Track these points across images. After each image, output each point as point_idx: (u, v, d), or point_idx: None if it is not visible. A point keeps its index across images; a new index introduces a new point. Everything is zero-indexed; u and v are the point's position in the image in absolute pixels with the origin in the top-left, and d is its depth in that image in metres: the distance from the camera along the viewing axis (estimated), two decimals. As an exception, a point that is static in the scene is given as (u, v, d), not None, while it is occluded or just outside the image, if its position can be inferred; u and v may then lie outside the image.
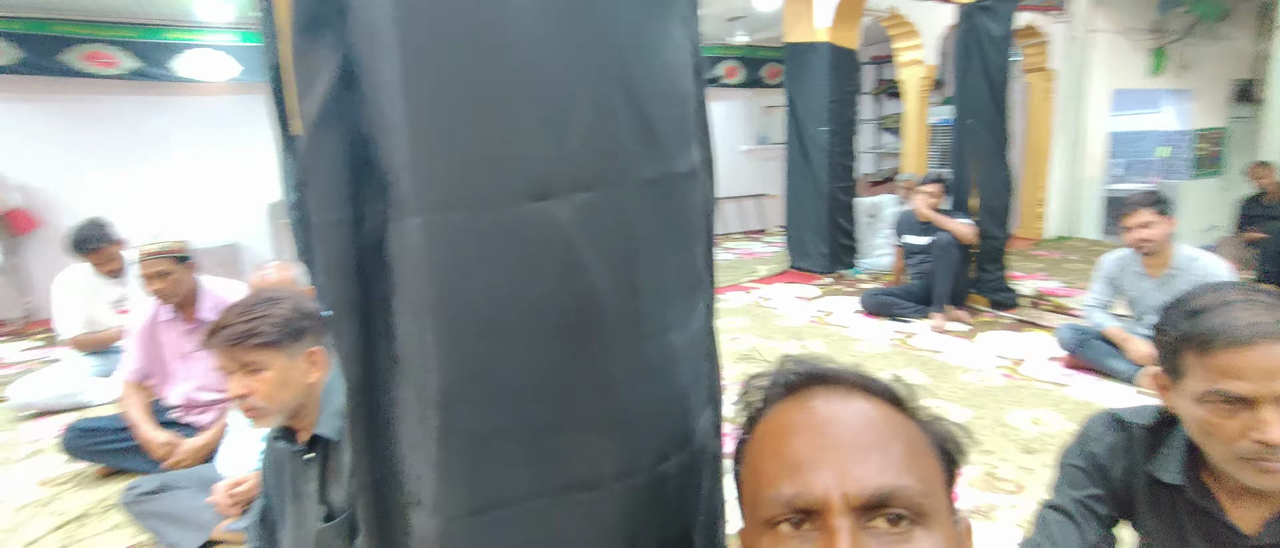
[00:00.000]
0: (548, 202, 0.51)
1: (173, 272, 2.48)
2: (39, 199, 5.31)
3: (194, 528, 1.94)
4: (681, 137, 0.59)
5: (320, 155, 0.60)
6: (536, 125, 0.50)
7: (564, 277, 0.51)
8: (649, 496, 0.56)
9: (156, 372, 2.59)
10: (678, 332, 0.58)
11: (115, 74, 5.38)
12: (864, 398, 0.53)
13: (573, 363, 0.52)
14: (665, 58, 0.57)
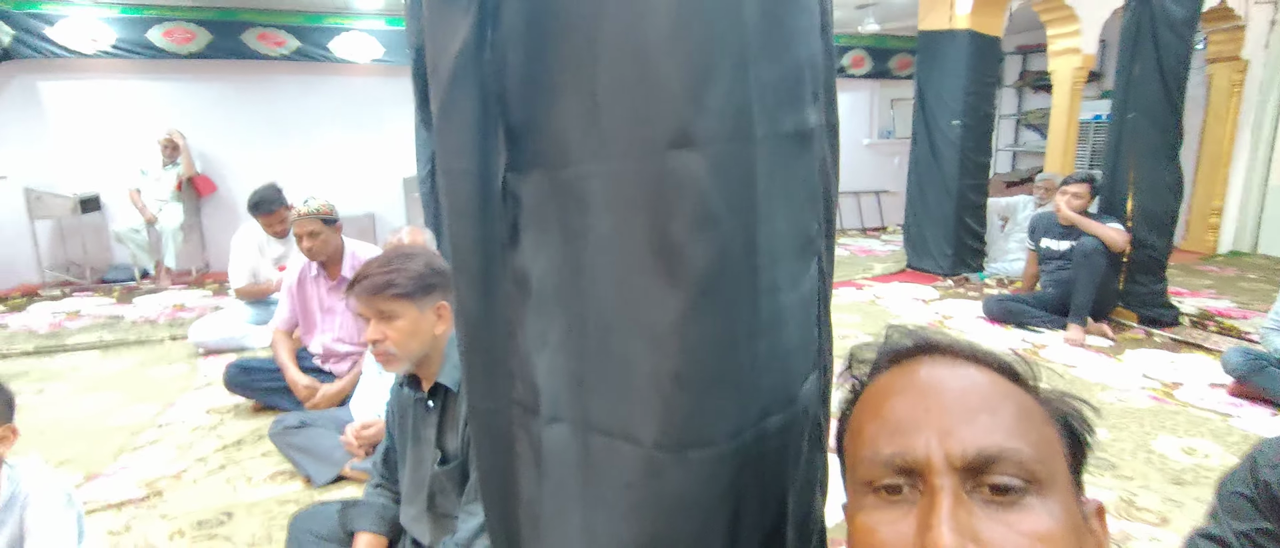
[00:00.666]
0: (687, 151, 0.51)
1: (321, 232, 2.74)
2: (215, 166, 6.02)
3: (327, 463, 2.15)
4: (804, 95, 0.58)
5: (453, 109, 0.64)
6: (681, 76, 0.51)
7: (697, 228, 0.52)
8: (752, 454, 0.57)
9: (303, 322, 2.87)
10: (788, 291, 0.58)
11: (282, 54, 5.98)
12: (974, 366, 0.51)
13: (699, 317, 0.53)
14: (794, 11, 0.56)
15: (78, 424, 2.67)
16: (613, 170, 0.54)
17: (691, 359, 0.53)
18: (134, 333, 3.98)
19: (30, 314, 4.53)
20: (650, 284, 0.52)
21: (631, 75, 0.51)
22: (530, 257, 0.60)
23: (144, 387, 3.10)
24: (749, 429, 0.56)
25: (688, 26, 0.50)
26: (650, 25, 0.50)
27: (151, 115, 5.75)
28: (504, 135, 0.63)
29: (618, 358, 0.55)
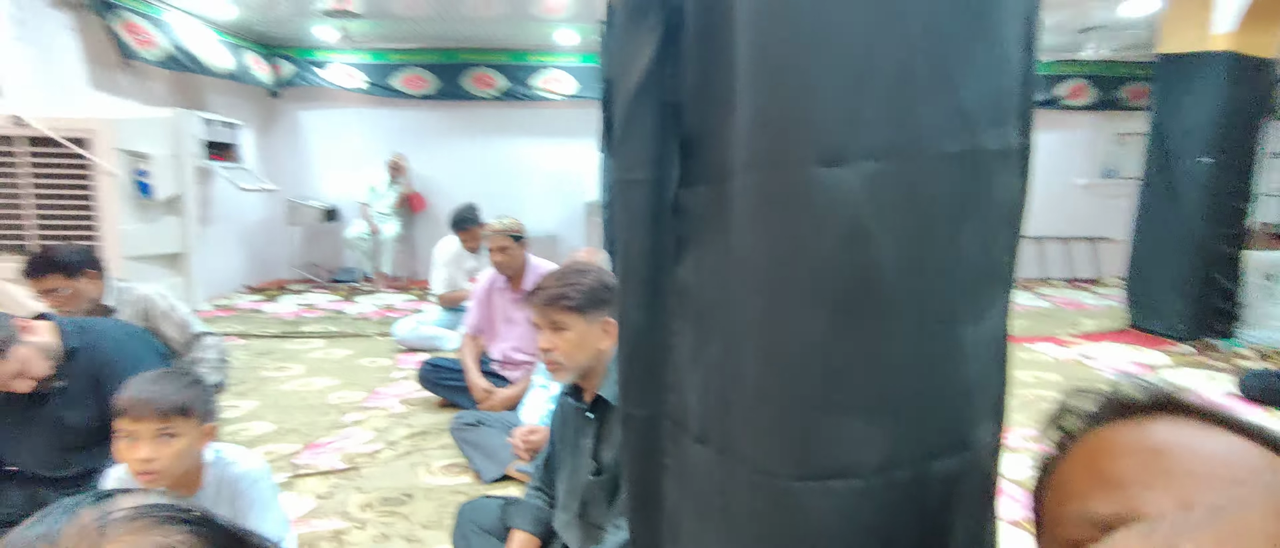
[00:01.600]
0: (838, 168, 0.49)
1: (510, 247, 2.98)
2: (428, 186, 6.82)
3: (495, 462, 2.30)
4: (996, 112, 0.52)
5: (634, 122, 0.66)
6: (832, 89, 0.49)
7: (847, 246, 0.49)
8: (909, 495, 0.51)
9: (487, 329, 3.13)
10: (966, 325, 0.52)
11: (491, 95, 6.66)
12: (1231, 433, 0.41)
13: (844, 338, 0.50)
14: (987, 22, 0.51)
15: (304, 399, 3.12)
16: (762, 184, 0.52)
17: (834, 383, 0.49)
18: (352, 327, 4.59)
19: (280, 304, 5.41)
20: (793, 302, 0.50)
21: (790, 88, 0.50)
22: (691, 270, 0.60)
23: (355, 374, 3.55)
24: (904, 467, 0.51)
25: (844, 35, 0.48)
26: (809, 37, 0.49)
27: (383, 142, 6.67)
28: (678, 149, 0.64)
29: (757, 378, 0.52)
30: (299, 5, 5.08)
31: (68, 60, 4.17)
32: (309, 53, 6.48)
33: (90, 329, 1.88)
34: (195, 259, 3.53)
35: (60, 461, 1.82)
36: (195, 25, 5.21)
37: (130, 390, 1.29)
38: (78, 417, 1.80)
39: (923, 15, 0.49)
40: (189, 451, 1.31)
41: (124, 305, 2.61)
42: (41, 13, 3.99)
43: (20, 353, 1.68)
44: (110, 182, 3.00)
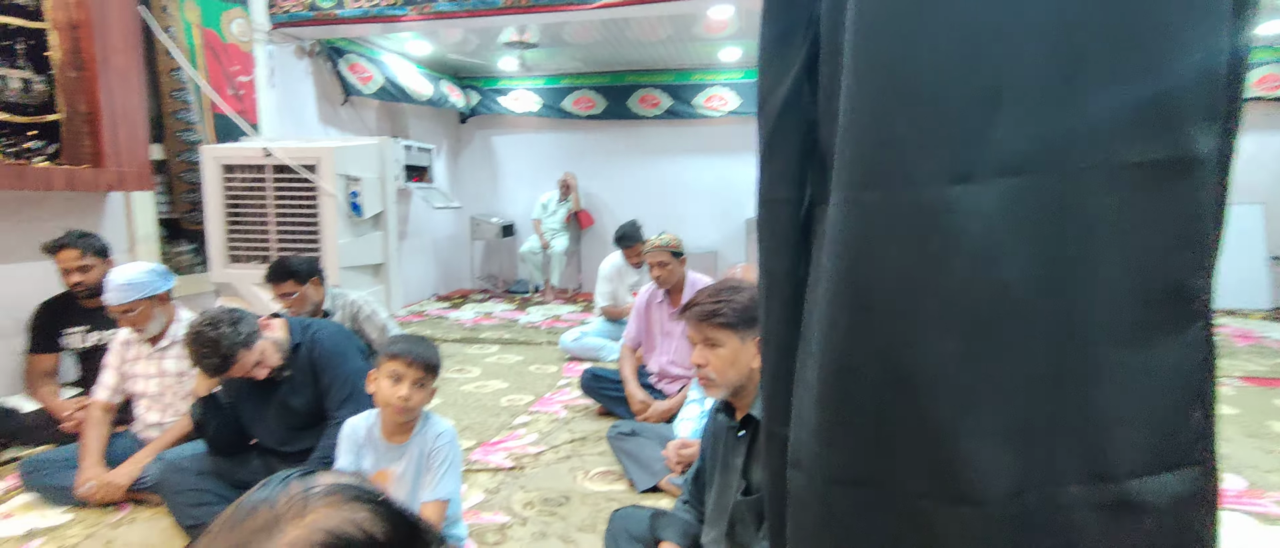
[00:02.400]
0: (966, 185, 0.45)
1: (669, 263, 3.05)
2: (595, 204, 7.16)
3: (648, 472, 2.34)
4: (1179, 116, 0.45)
5: (779, 141, 0.66)
6: (962, 107, 0.45)
7: (979, 266, 0.45)
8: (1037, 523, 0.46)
9: (645, 342, 3.21)
10: (1117, 350, 0.45)
11: (655, 114, 6.86)
12: None
13: (976, 360, 0.46)
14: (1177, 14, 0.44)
15: (480, 401, 3.40)
16: (887, 202, 0.49)
17: (963, 407, 0.45)
18: (523, 335, 4.93)
19: (462, 311, 5.94)
20: (914, 325, 0.46)
21: (921, 105, 0.47)
22: (810, 288, 0.59)
23: (525, 380, 3.80)
24: (1032, 492, 0.45)
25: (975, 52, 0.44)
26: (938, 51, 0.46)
27: (555, 161, 7.11)
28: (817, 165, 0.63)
29: (870, 403, 0.49)
30: (485, 38, 5.60)
31: (303, 100, 4.95)
32: (493, 82, 7.11)
33: (312, 328, 2.20)
34: (394, 269, 4.00)
35: (287, 437, 2.14)
36: (401, 62, 5.94)
37: (404, 343, 1.67)
38: (300, 401, 2.10)
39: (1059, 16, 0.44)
40: (426, 402, 1.70)
41: (337, 308, 3.01)
42: (288, 63, 4.77)
43: (261, 345, 2.01)
44: (331, 202, 3.50)
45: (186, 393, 2.40)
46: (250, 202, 3.60)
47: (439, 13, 4.37)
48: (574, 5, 4.08)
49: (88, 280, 2.72)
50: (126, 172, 3.28)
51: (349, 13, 4.49)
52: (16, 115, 2.88)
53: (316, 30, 4.70)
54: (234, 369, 1.96)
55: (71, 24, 3.13)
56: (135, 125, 3.33)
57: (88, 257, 2.74)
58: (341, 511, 0.50)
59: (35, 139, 2.95)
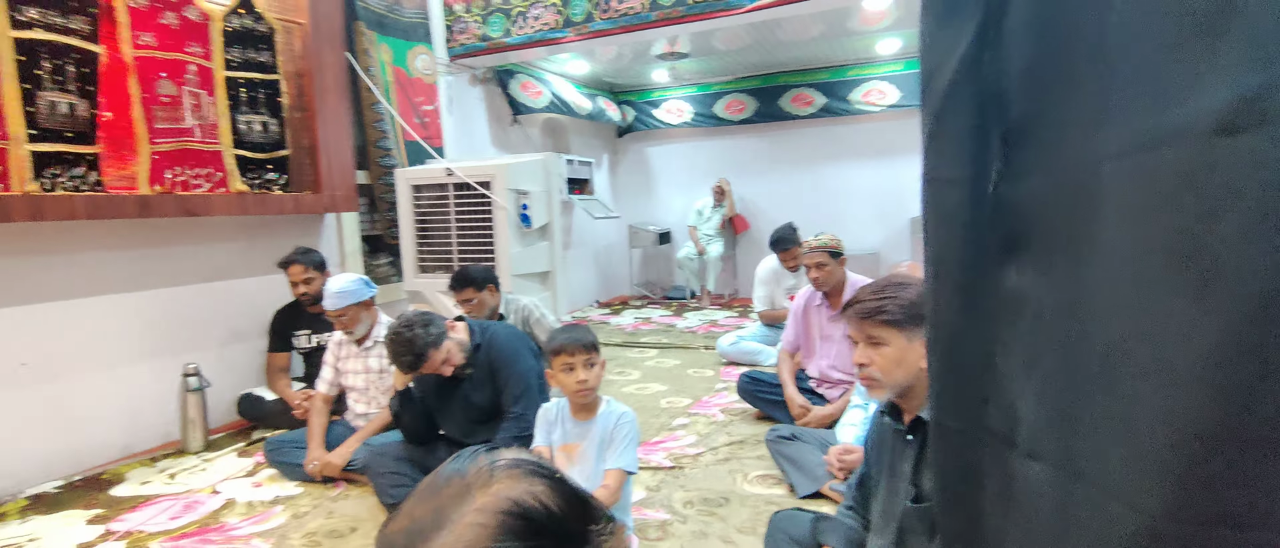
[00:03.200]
0: (1242, 135, 0.38)
1: (827, 264, 2.94)
2: (750, 208, 7.09)
3: (809, 477, 2.28)
4: None
5: (948, 116, 0.62)
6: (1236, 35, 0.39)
7: (1249, 234, 0.38)
8: None
9: (804, 346, 3.12)
10: None
11: (809, 113, 6.68)
12: None
13: (1242, 351, 0.38)
14: None
15: (640, 403, 3.50)
16: (1130, 168, 0.43)
17: (1227, 406, 0.38)
18: (681, 340, 5.00)
19: (623, 317, 6.15)
20: (1174, 307, 0.40)
21: (1164, 46, 0.40)
22: (1025, 273, 0.53)
23: (683, 383, 3.85)
24: None
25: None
26: None
27: (708, 168, 7.15)
28: (1000, 141, 0.58)
29: (1121, 397, 0.43)
30: (638, 52, 5.78)
31: (477, 122, 5.41)
32: (646, 94, 7.31)
33: (489, 330, 2.40)
34: (559, 277, 4.24)
35: (469, 429, 2.35)
36: (563, 82, 6.31)
37: (563, 336, 1.85)
38: (480, 397, 2.30)
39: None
40: (601, 377, 1.86)
41: (510, 312, 3.25)
42: (464, 89, 5.25)
43: (447, 345, 2.22)
44: (503, 214, 3.79)
45: (387, 388, 2.72)
46: (436, 217, 4.01)
47: (596, 32, 4.59)
48: (723, 11, 4.10)
49: (310, 290, 3.19)
50: (338, 195, 3.79)
51: (516, 40, 4.85)
52: (257, 153, 3.44)
53: (488, 59, 5.14)
54: (425, 367, 2.18)
55: (296, 73, 3.69)
56: (344, 155, 3.84)
57: (310, 270, 3.20)
58: (522, 483, 0.55)
59: (272, 172, 3.51)
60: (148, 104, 2.95)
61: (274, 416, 3.22)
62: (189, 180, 3.12)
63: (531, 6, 4.79)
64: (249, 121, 3.40)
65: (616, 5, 4.47)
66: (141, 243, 3.06)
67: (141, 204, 2.88)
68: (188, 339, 3.23)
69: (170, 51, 3.03)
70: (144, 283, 3.08)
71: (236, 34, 3.33)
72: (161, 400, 3.10)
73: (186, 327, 3.24)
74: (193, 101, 3.13)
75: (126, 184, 2.93)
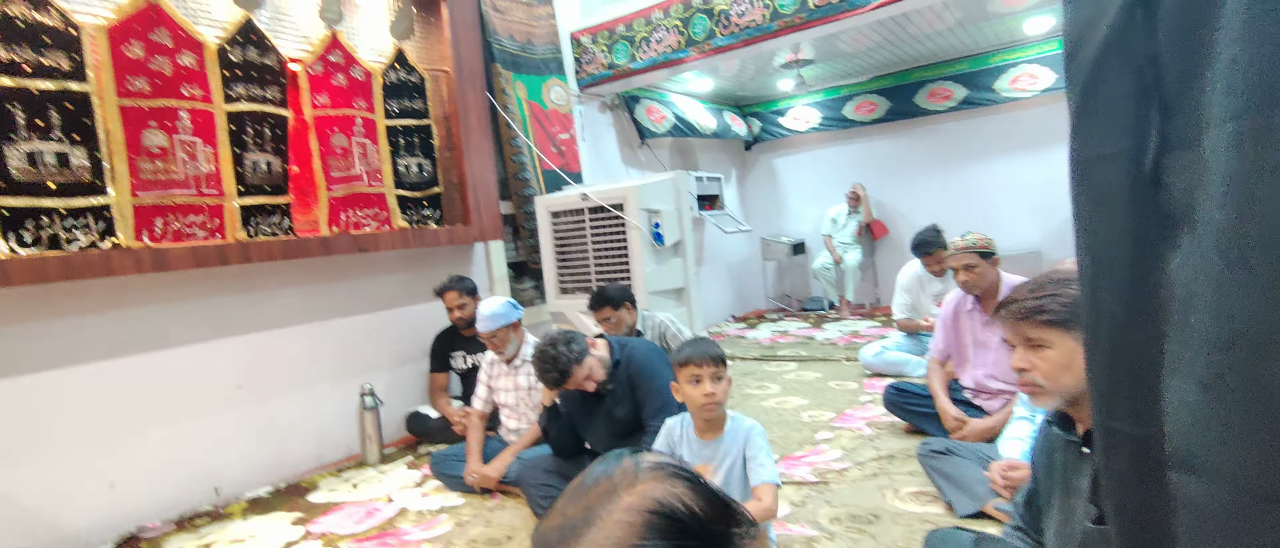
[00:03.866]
0: None
1: (977, 265, 2.74)
2: (888, 213, 6.76)
3: (970, 495, 2.11)
4: None
5: (1102, 85, 0.57)
6: None
7: None
8: None
9: (955, 354, 2.91)
10: None
11: (948, 106, 6.27)
12: None
13: None
14: None
15: (782, 416, 3.43)
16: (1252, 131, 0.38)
17: None
18: (821, 352, 4.84)
19: (759, 330, 6.07)
20: None
21: None
22: (1178, 255, 0.48)
23: (825, 395, 3.73)
24: None
25: None
26: None
27: (841, 173, 6.92)
28: (1158, 109, 0.53)
29: None
30: (761, 63, 5.74)
31: (608, 147, 5.61)
32: (772, 104, 7.23)
33: (627, 346, 2.47)
34: (694, 292, 4.28)
35: (613, 443, 2.42)
36: (688, 100, 6.39)
37: (690, 348, 1.83)
38: (622, 411, 2.37)
39: None
40: (727, 392, 1.82)
41: (647, 328, 3.32)
42: (595, 117, 5.48)
43: (589, 362, 2.31)
44: (637, 234, 3.90)
45: (536, 404, 2.88)
46: (574, 240, 4.20)
47: (718, 48, 4.63)
48: (846, 13, 3.98)
49: (464, 315, 3.45)
50: (485, 226, 4.08)
51: (641, 64, 5.00)
52: (414, 191, 3.80)
53: (615, 85, 5.33)
54: (569, 383, 2.29)
55: (444, 116, 4.04)
56: (489, 188, 4.14)
57: (463, 296, 3.47)
58: (665, 484, 0.58)
59: (427, 208, 3.86)
60: (325, 156, 3.36)
61: (438, 431, 3.51)
62: (360, 221, 3.50)
63: (654, 31, 4.92)
64: (407, 164, 3.77)
65: (737, 19, 4.48)
66: (323, 278, 3.48)
67: (323, 244, 3.28)
68: (363, 363, 3.61)
69: (341, 108, 3.44)
70: (326, 314, 3.49)
71: (393, 87, 3.71)
72: (344, 418, 3.48)
73: (361, 351, 3.62)
74: (360, 150, 3.53)
75: (311, 227, 3.35)
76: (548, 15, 4.97)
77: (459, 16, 4.04)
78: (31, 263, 2.37)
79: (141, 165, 2.71)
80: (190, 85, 2.86)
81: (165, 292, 2.90)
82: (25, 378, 2.51)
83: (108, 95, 2.62)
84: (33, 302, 2.53)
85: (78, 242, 2.53)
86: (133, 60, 2.69)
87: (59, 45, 2.50)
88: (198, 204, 2.87)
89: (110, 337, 2.73)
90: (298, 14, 3.39)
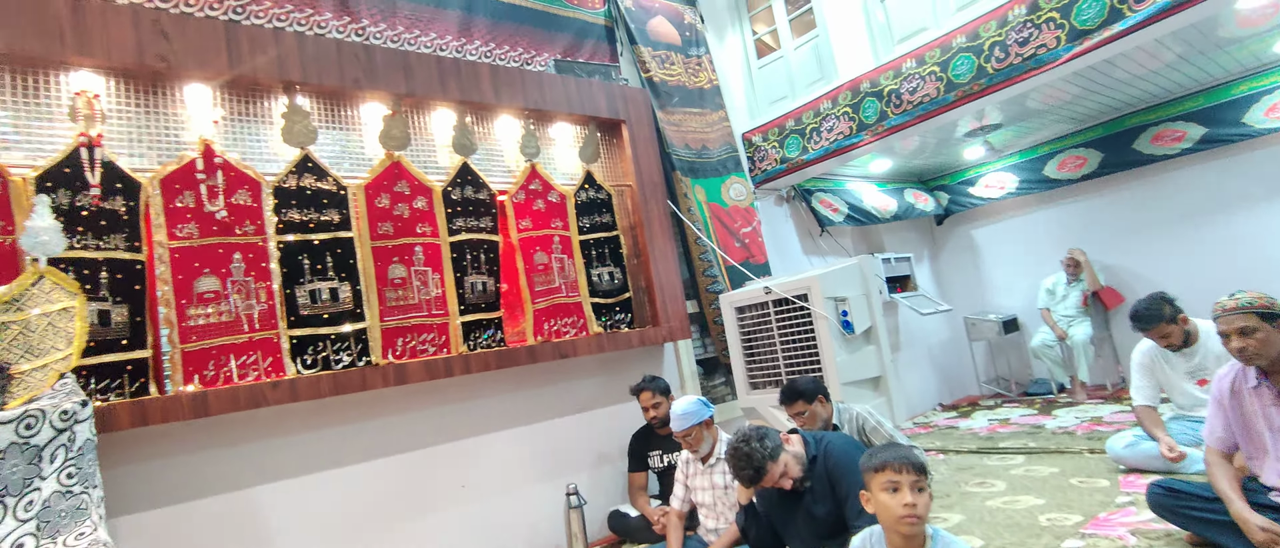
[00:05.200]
0: None
1: (1259, 329, 2.26)
2: (1118, 276, 5.89)
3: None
4: None
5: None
6: None
7: None
8: None
9: (1244, 443, 2.38)
10: None
11: (1180, 149, 5.45)
12: None
13: None
14: None
15: (1011, 518, 3.00)
16: None
17: None
18: (1053, 443, 4.21)
19: (973, 420, 5.45)
20: None
21: None
22: None
23: (1066, 495, 3.21)
24: None
25: None
26: None
27: (1050, 239, 6.22)
28: None
29: None
30: (942, 137, 5.47)
31: (788, 238, 5.60)
32: (960, 175, 6.80)
33: (824, 441, 2.36)
34: (892, 381, 4.00)
35: (815, 544, 2.28)
36: (865, 185, 6.24)
37: (886, 452, 1.64)
38: (822, 510, 2.23)
39: None
40: (929, 507, 1.60)
41: (844, 422, 3.15)
42: (773, 211, 5.55)
43: (784, 458, 2.24)
44: (824, 324, 3.78)
45: (733, 503, 2.81)
46: (760, 334, 4.17)
47: (892, 127, 4.52)
48: (1034, 71, 3.72)
49: (659, 413, 3.53)
50: (674, 326, 4.22)
51: (814, 154, 5.03)
52: (606, 298, 4.05)
53: (790, 178, 5.38)
54: (764, 480, 2.23)
55: (630, 226, 4.33)
56: (675, 290, 4.30)
57: (657, 395, 3.56)
58: None
59: (619, 313, 4.09)
60: (529, 273, 3.74)
61: (638, 531, 3.53)
62: (560, 329, 3.80)
63: (823, 120, 4.95)
64: (599, 273, 4.06)
65: (909, 97, 4.38)
66: (529, 384, 3.78)
67: (530, 352, 3.59)
68: (567, 463, 3.80)
69: (541, 229, 3.85)
70: (533, 417, 3.76)
71: (584, 205, 4.08)
72: (552, 516, 3.65)
73: (565, 452, 3.82)
74: (558, 265, 3.87)
75: (519, 338, 3.69)
76: (721, 120, 5.22)
77: (639, 136, 4.40)
78: (311, 381, 2.86)
79: (387, 294, 3.21)
80: (423, 224, 3.38)
81: (403, 403, 3.33)
82: (306, 477, 2.98)
83: (364, 239, 3.18)
84: (310, 415, 3.04)
85: (342, 362, 3.02)
86: (381, 209, 3.26)
87: (333, 204, 3.11)
88: (428, 323, 3.32)
89: (366, 443, 3.18)
90: (503, 152, 3.91)
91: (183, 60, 2.80)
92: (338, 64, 3.22)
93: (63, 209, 2.47)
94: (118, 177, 2.62)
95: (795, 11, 5.43)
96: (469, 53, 3.93)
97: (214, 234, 2.79)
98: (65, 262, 2.41)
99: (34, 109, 2.59)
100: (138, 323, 2.58)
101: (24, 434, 1.80)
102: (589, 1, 4.67)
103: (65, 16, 2.56)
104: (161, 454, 2.66)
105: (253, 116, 3.09)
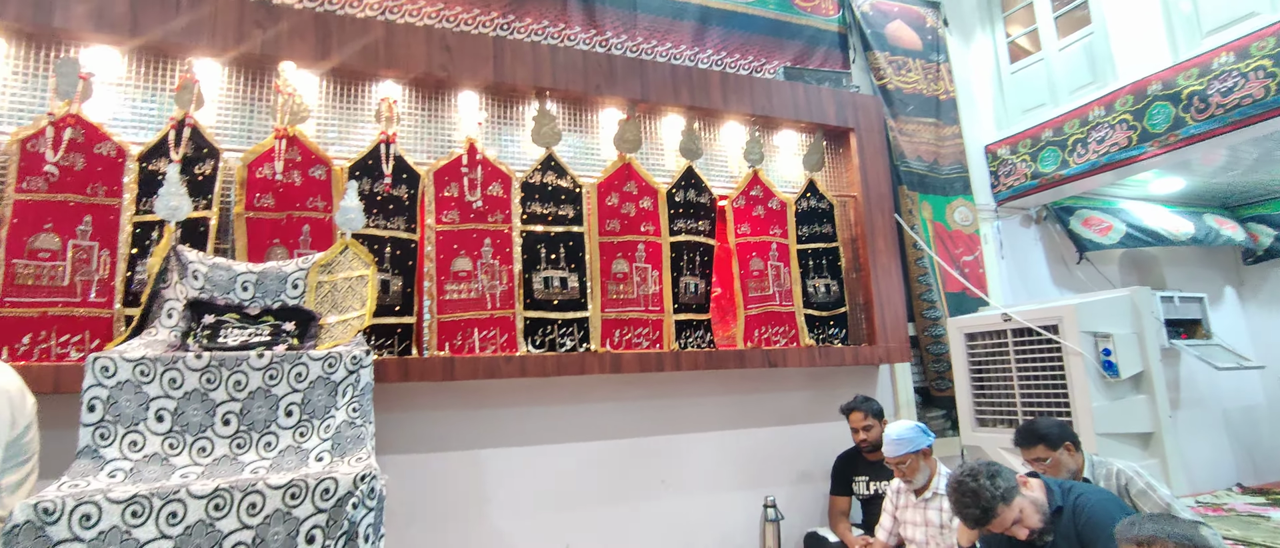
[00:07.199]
0: None
1: None
2: None
3: None
4: None
5: None
6: None
7: None
8: None
9: None
10: None
11: None
12: None
13: None
14: None
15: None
16: None
17: None
18: None
19: (1287, 509, 4.30)
20: None
21: None
22: None
23: None
24: None
25: None
26: None
27: None
28: None
29: None
30: (1265, 151, 4.42)
31: (1034, 265, 4.93)
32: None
33: (1074, 491, 2.02)
34: (1169, 442, 3.30)
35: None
36: (1144, 206, 5.27)
37: (1157, 525, 1.45)
38: (1068, 573, 1.91)
39: None
40: None
41: (1099, 478, 2.67)
42: (1015, 232, 4.93)
43: (1019, 503, 1.96)
44: (1078, 361, 3.25)
45: (950, 545, 2.53)
46: (994, 367, 3.72)
47: (1189, 137, 3.78)
48: None
49: (870, 437, 3.30)
50: (892, 347, 3.93)
51: (1076, 169, 4.37)
52: (821, 311, 3.90)
53: (1043, 196, 4.74)
54: (993, 524, 1.97)
55: (851, 239, 4.13)
56: (897, 309, 4.01)
57: (869, 417, 3.34)
58: None
59: (833, 327, 3.91)
60: (744, 278, 3.73)
61: (836, 559, 3.34)
62: (771, 337, 3.73)
63: (1092, 130, 4.29)
64: (815, 284, 3.92)
65: (1219, 100, 3.62)
66: (735, 390, 3.76)
67: (739, 357, 3.57)
68: (766, 475, 3.71)
69: (759, 235, 3.82)
70: (736, 423, 3.74)
71: (804, 213, 3.97)
72: (746, 526, 3.59)
73: (765, 463, 3.74)
74: (774, 273, 3.82)
75: (728, 342, 3.70)
76: (955, 135, 4.77)
77: (867, 145, 4.18)
78: (538, 360, 3.14)
79: (609, 287, 3.41)
80: (647, 223, 3.55)
81: (615, 391, 3.51)
82: (525, 448, 3.28)
83: (593, 234, 3.42)
84: (534, 390, 3.34)
85: (566, 346, 3.27)
86: (610, 206, 3.48)
87: (569, 200, 3.40)
88: (644, 318, 3.46)
89: (580, 424, 3.40)
90: (726, 159, 3.96)
91: (459, 70, 3.25)
92: (583, 72, 3.51)
93: (364, 194, 3.00)
94: (404, 169, 3.13)
95: (1063, 7, 4.77)
96: (701, 61, 4.05)
97: (470, 221, 3.19)
98: (362, 237, 2.92)
99: (352, 113, 3.18)
100: (408, 294, 3.04)
101: (327, 371, 2.21)
102: (822, 8, 4.55)
103: (381, 37, 3.13)
104: (413, 408, 3.10)
105: (509, 120, 3.49)
